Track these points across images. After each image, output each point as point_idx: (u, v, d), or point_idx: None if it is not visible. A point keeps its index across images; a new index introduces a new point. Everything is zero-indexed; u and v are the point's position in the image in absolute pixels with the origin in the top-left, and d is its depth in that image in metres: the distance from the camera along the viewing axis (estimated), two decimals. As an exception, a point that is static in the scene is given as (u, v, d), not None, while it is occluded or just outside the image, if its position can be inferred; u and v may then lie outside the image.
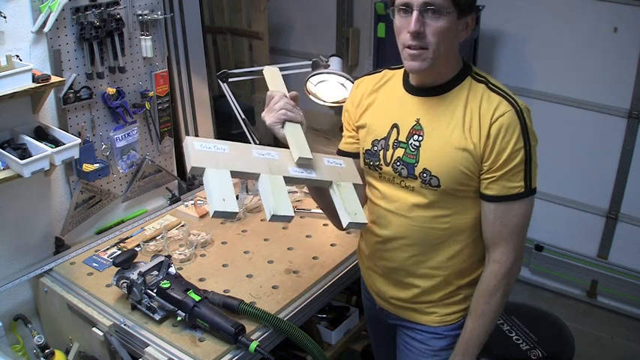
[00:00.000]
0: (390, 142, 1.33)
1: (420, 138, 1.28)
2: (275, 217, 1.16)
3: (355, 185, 1.35)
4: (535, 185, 1.26)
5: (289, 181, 1.26)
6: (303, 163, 1.28)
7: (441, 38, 1.18)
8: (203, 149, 1.20)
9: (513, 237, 1.28)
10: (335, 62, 2.14)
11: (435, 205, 1.30)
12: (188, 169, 1.17)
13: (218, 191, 1.13)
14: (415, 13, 1.16)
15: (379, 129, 1.35)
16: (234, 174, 1.20)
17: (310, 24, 3.25)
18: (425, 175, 1.27)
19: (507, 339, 1.85)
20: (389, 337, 1.59)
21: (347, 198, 1.30)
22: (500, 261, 1.30)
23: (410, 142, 1.30)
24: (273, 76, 1.46)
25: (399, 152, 1.31)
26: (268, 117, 1.33)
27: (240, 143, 1.27)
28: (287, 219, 1.19)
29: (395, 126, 1.33)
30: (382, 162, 1.35)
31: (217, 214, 1.11)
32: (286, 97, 1.35)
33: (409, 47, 1.20)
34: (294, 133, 1.32)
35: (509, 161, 1.21)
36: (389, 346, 1.61)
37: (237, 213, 1.14)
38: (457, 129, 1.24)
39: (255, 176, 1.22)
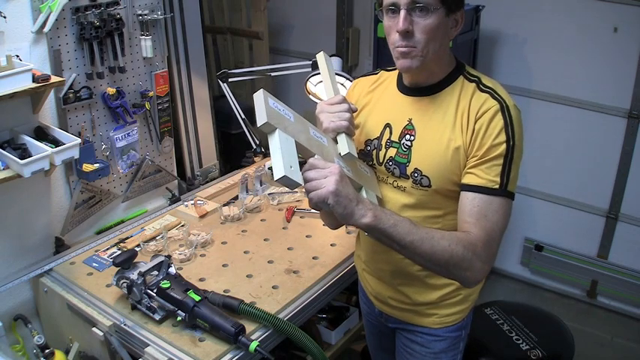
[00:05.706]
0: (383, 142, 1.33)
1: (412, 138, 1.28)
2: None
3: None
4: (512, 190, 1.19)
5: None
6: (347, 159, 1.26)
7: (431, 36, 1.17)
8: (274, 108, 1.13)
9: (489, 233, 1.17)
10: (335, 62, 2.15)
11: (426, 205, 1.29)
12: (259, 123, 1.08)
13: (287, 157, 1.06)
14: (403, 12, 1.15)
15: (372, 129, 1.36)
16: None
17: (310, 24, 3.25)
18: (416, 174, 1.27)
19: (507, 339, 1.85)
20: (388, 343, 1.59)
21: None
22: (474, 234, 1.17)
23: (402, 142, 1.30)
24: (327, 62, 1.41)
25: (392, 152, 1.31)
26: (329, 123, 1.27)
27: (299, 115, 1.21)
28: None
29: (387, 126, 1.33)
30: (375, 162, 1.35)
31: (282, 180, 1.04)
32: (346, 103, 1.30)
33: (399, 46, 1.19)
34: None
35: (489, 152, 1.18)
36: (388, 352, 1.61)
37: (300, 185, 1.08)
38: (448, 129, 1.23)
39: (311, 154, 1.17)
